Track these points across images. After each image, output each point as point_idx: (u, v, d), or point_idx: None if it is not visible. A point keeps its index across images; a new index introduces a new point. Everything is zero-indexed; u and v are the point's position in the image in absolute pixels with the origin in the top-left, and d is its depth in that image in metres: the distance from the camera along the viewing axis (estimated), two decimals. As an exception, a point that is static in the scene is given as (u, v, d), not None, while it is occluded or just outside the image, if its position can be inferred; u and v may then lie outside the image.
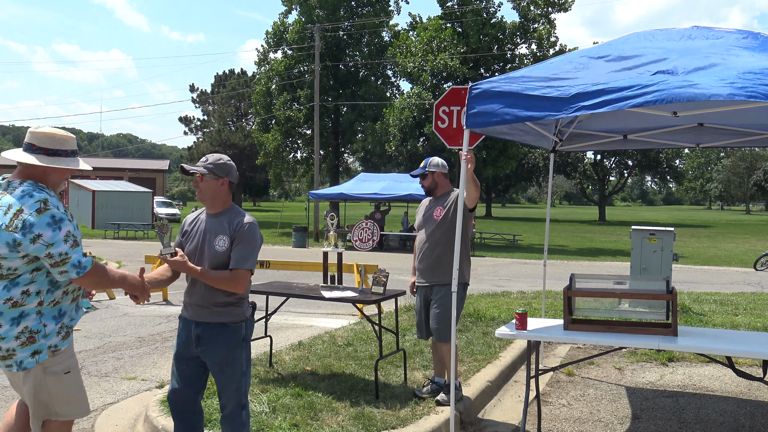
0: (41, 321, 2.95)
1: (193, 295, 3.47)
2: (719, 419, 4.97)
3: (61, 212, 2.91)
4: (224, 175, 3.46)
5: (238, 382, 3.46)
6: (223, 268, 3.36)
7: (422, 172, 5.14)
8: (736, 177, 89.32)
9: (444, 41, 31.68)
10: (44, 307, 2.95)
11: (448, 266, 4.81)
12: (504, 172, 34.79)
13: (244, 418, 3.51)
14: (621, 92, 3.51)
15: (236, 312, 3.43)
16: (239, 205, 21.50)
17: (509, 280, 14.91)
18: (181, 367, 3.53)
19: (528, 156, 58.94)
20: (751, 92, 3.19)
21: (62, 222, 2.88)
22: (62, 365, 3.03)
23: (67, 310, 3.07)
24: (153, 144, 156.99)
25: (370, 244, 22.64)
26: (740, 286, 14.59)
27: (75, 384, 3.10)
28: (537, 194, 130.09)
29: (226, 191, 3.49)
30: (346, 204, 29.78)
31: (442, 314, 4.91)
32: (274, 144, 36.44)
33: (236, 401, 3.46)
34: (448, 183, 5.20)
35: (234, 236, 3.36)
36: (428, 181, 5.14)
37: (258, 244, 3.41)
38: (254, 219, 3.44)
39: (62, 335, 3.03)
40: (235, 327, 3.42)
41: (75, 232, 2.96)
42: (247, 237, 3.37)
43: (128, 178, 44.76)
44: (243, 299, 3.47)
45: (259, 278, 12.07)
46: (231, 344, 3.42)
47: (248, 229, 3.38)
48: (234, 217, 3.43)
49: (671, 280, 6.05)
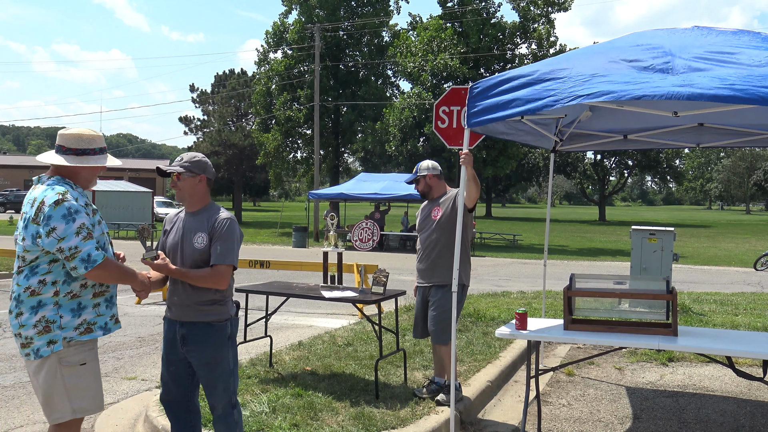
0: (58, 312, 3.02)
1: (176, 295, 3.46)
2: (719, 419, 4.97)
3: (78, 204, 3.00)
4: (201, 171, 3.48)
5: (226, 381, 3.44)
6: (203, 265, 3.36)
7: (414, 177, 5.23)
8: (736, 177, 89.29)
9: (444, 41, 31.67)
10: (61, 298, 3.03)
11: (446, 267, 4.82)
12: (504, 172, 34.78)
13: (236, 416, 3.50)
14: (619, 85, 3.50)
15: (220, 311, 3.42)
16: (239, 205, 21.49)
17: (509, 280, 14.91)
18: (171, 369, 3.52)
19: (528, 156, 58.92)
20: (752, 94, 3.20)
21: (77, 214, 2.97)
22: (78, 356, 3.07)
23: (87, 304, 3.10)
24: (153, 144, 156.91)
25: (370, 244, 22.64)
26: (740, 286, 14.59)
27: (91, 376, 3.12)
28: (537, 194, 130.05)
29: (204, 188, 3.51)
30: (346, 204, 29.76)
31: (438, 316, 4.91)
32: (274, 144, 36.41)
33: (226, 400, 3.45)
34: (444, 184, 5.22)
35: (212, 233, 3.37)
36: (421, 185, 5.21)
37: (237, 240, 3.41)
38: (232, 215, 3.46)
39: (80, 330, 3.06)
40: (219, 326, 3.41)
41: (91, 225, 3.02)
42: (226, 233, 3.37)
43: (128, 178, 44.79)
44: (227, 298, 3.46)
45: (259, 278, 12.07)
46: (217, 343, 3.41)
47: (227, 225, 3.39)
48: (212, 214, 3.44)
49: (671, 280, 6.05)
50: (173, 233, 3.51)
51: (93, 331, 3.12)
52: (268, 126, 37.96)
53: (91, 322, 3.11)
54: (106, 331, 3.18)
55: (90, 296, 3.12)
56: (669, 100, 3.32)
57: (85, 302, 3.10)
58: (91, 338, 3.11)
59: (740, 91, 3.21)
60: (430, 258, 5.02)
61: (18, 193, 48.08)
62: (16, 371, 6.14)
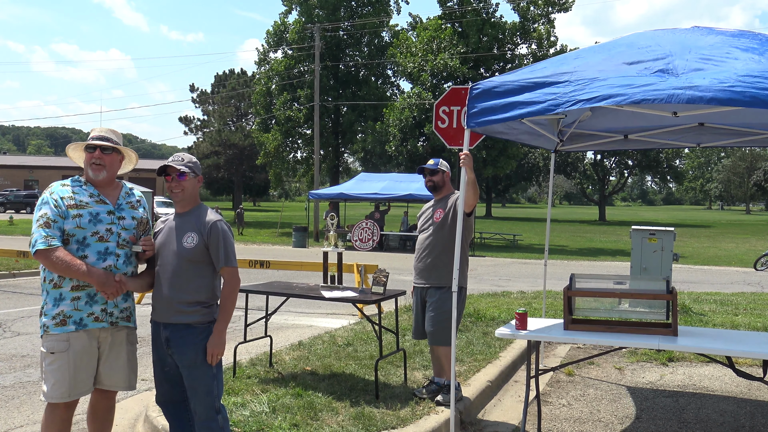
0: (46, 299, 3.27)
1: (160, 296, 3.45)
2: (719, 419, 4.97)
3: (49, 196, 3.23)
4: (200, 173, 3.58)
5: (208, 386, 3.40)
6: (192, 264, 3.37)
7: (436, 168, 5.15)
8: (736, 177, 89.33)
9: (444, 41, 31.65)
10: (46, 284, 3.26)
11: (444, 269, 4.83)
12: (504, 172, 34.77)
13: (221, 422, 3.44)
14: (620, 88, 3.51)
15: (203, 312, 3.40)
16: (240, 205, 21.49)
17: (509, 280, 14.91)
18: (164, 369, 3.52)
19: (528, 156, 58.96)
20: (751, 96, 3.20)
21: (44, 205, 3.22)
22: (49, 344, 3.21)
23: (66, 296, 3.21)
24: (153, 144, 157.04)
25: (370, 244, 22.63)
26: (740, 286, 14.59)
27: (57, 366, 3.20)
28: (537, 194, 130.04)
29: (198, 189, 3.60)
30: (346, 204, 29.77)
31: (436, 317, 4.90)
32: (274, 144, 36.40)
33: (209, 405, 3.40)
34: (451, 186, 5.24)
35: (208, 236, 3.38)
36: (438, 177, 5.16)
37: (230, 237, 3.48)
38: (221, 216, 3.53)
39: (56, 321, 3.20)
40: (202, 328, 3.39)
41: (57, 216, 3.19)
42: (224, 237, 3.42)
43: (128, 178, 44.70)
44: (211, 300, 3.44)
45: (259, 278, 12.06)
46: (199, 346, 3.37)
47: (222, 228, 3.42)
48: (202, 215, 3.45)
49: (671, 280, 6.05)
50: (162, 234, 3.53)
51: (66, 324, 3.20)
52: (268, 126, 37.95)
53: (67, 315, 3.21)
54: (81, 327, 3.22)
55: (69, 288, 3.22)
56: (669, 103, 3.33)
57: (65, 294, 3.22)
58: (62, 332, 3.18)
59: (739, 93, 3.21)
60: (429, 259, 5.02)
61: (18, 193, 47.99)
62: (16, 371, 6.14)
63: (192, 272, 3.38)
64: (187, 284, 3.38)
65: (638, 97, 3.40)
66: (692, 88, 3.31)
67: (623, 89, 3.49)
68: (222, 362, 3.53)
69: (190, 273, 3.38)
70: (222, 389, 3.51)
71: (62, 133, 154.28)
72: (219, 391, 3.46)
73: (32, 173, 62.34)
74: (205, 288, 3.41)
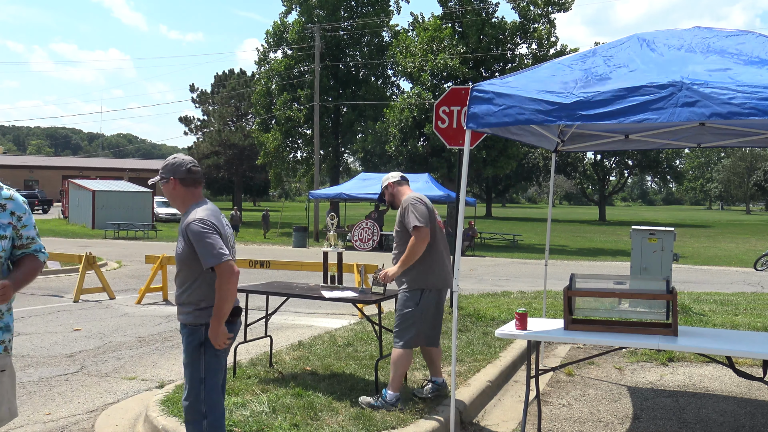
0: None
1: None
2: (719, 419, 4.97)
3: None
4: (170, 174, 3.44)
5: (196, 388, 3.38)
6: (185, 266, 3.38)
7: (381, 191, 5.20)
8: (736, 177, 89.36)
9: (444, 41, 31.65)
10: None
11: (402, 275, 4.82)
12: (504, 172, 34.73)
13: (205, 428, 3.38)
14: (621, 104, 3.59)
15: (195, 314, 3.38)
16: (240, 205, 21.39)
17: (509, 280, 14.91)
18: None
19: (528, 156, 58.95)
20: (751, 108, 3.26)
21: None
22: None
23: None
24: (153, 144, 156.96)
25: (370, 244, 22.64)
26: (740, 286, 14.60)
27: None
28: (537, 194, 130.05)
29: (182, 190, 3.45)
30: (346, 204, 29.77)
31: (397, 319, 4.85)
32: (274, 144, 36.42)
33: (196, 408, 3.39)
34: (400, 195, 5.05)
35: (188, 240, 3.31)
36: (388, 197, 5.16)
37: (206, 235, 3.23)
38: (201, 215, 3.31)
39: None
40: (191, 329, 3.39)
41: None
42: (196, 237, 3.25)
43: (128, 178, 44.82)
44: (207, 303, 3.37)
45: (259, 278, 12.06)
46: (188, 347, 3.39)
47: (194, 229, 3.26)
48: (186, 218, 3.39)
49: (671, 280, 6.05)
50: None
51: None
52: (268, 126, 37.97)
53: None
54: None
55: None
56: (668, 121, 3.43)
57: None
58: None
59: (738, 106, 3.29)
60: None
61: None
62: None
63: (185, 274, 3.41)
64: (182, 285, 3.44)
65: (640, 116, 3.56)
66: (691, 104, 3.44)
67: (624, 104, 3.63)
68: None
69: (184, 275, 3.42)
70: (210, 395, 3.41)
71: (62, 133, 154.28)
72: (206, 396, 3.39)
73: (32, 173, 62.39)
74: (197, 290, 3.38)
